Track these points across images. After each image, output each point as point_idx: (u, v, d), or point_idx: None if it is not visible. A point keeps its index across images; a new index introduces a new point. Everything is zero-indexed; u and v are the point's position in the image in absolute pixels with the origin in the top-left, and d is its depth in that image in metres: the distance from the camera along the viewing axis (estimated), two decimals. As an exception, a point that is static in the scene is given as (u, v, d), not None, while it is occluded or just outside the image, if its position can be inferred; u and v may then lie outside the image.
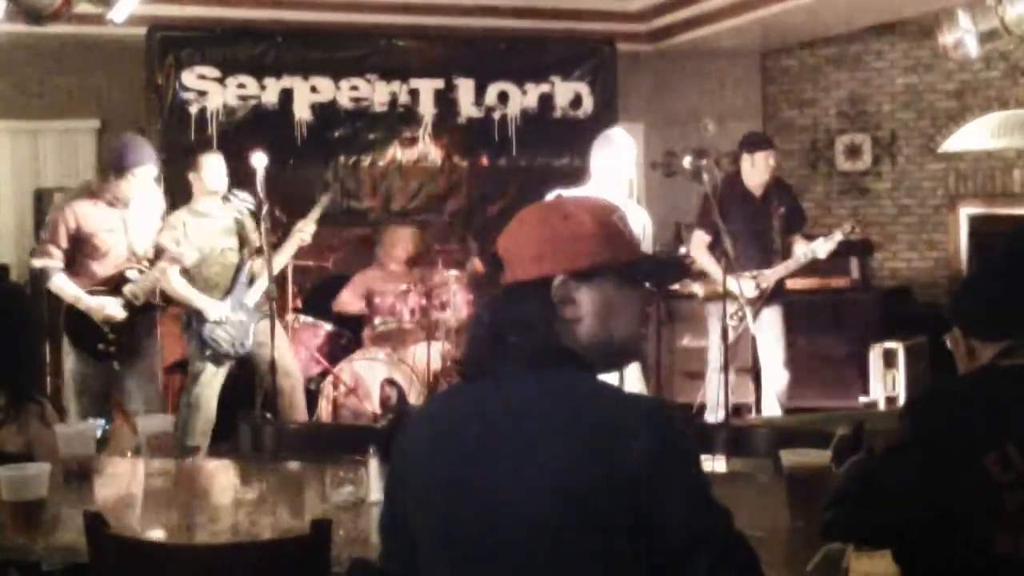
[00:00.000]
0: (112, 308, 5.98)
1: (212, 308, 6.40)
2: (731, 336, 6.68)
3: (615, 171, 5.79)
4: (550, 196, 5.79)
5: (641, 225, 5.60)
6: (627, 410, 2.07)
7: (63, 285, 5.97)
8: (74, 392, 6.07)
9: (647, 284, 2.30)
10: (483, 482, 2.10)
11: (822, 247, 6.89)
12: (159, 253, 6.21)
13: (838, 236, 6.88)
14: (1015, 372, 2.64)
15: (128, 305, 6.04)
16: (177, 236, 6.34)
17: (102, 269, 6.06)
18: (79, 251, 6.02)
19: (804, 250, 6.97)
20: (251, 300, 6.52)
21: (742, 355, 7.10)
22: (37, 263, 6.04)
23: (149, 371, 6.28)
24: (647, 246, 5.56)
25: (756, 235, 6.95)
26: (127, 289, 6.06)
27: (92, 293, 5.99)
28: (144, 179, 6.05)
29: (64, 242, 5.99)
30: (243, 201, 6.50)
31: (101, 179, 6.12)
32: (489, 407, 2.15)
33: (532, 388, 2.12)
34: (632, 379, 5.47)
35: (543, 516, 2.03)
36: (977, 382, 2.72)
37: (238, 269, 6.57)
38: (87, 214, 6.00)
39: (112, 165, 6.07)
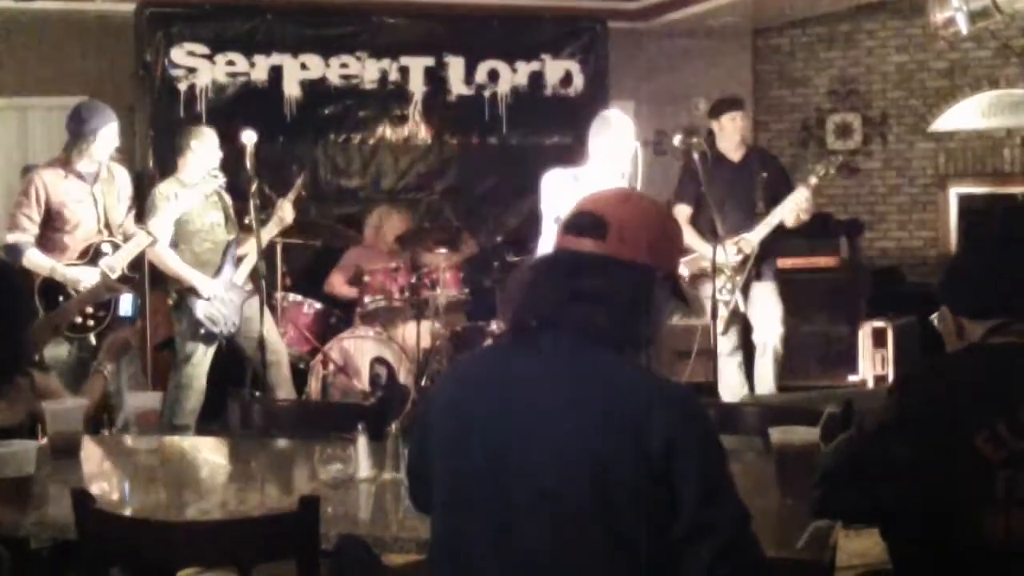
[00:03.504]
0: (89, 280, 5.85)
1: (206, 286, 6.39)
2: (723, 310, 6.66)
3: (611, 153, 5.81)
4: (548, 174, 5.87)
5: None
6: (655, 396, 2.16)
7: (36, 259, 5.86)
8: (54, 369, 6.00)
9: None
10: (504, 444, 2.20)
11: (799, 195, 6.71)
12: (130, 228, 6.18)
13: (813, 180, 6.72)
14: (1005, 350, 2.64)
15: (105, 279, 5.96)
16: (172, 208, 6.32)
17: (73, 243, 5.97)
18: (49, 224, 5.93)
19: (783, 204, 6.75)
20: (240, 278, 6.50)
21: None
22: (10, 238, 5.90)
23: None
24: None
25: (737, 200, 6.81)
26: (103, 262, 5.97)
27: (69, 267, 5.91)
28: (110, 139, 6.03)
29: (36, 214, 5.89)
30: (215, 178, 6.49)
31: (67, 150, 6.00)
32: (524, 373, 2.25)
33: (571, 361, 2.21)
34: None
35: (558, 483, 2.12)
36: (967, 361, 2.72)
37: (227, 247, 6.54)
38: (55, 184, 5.93)
39: (76, 131, 5.98)
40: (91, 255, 5.99)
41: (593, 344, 2.22)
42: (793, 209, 6.73)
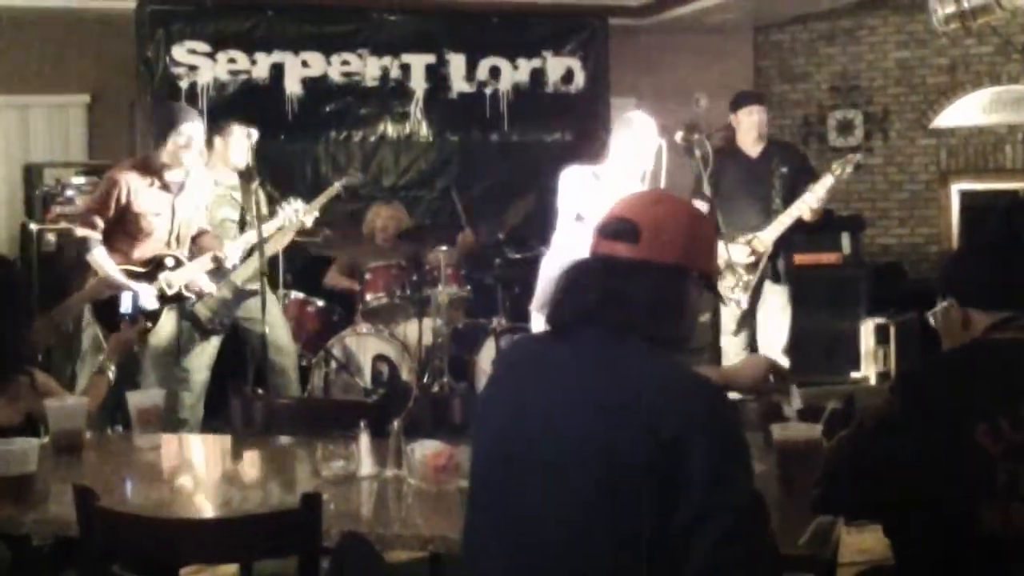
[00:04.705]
0: (145, 297, 5.75)
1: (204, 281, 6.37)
2: (736, 309, 6.59)
3: (632, 152, 5.82)
4: (567, 170, 5.87)
5: None
6: (673, 385, 2.19)
7: (102, 260, 5.78)
8: (90, 364, 5.98)
9: None
10: (518, 430, 2.26)
11: (812, 195, 6.53)
12: (201, 241, 6.15)
13: (829, 180, 6.54)
14: (1007, 345, 2.64)
15: (160, 293, 5.94)
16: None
17: (139, 251, 5.91)
18: (122, 227, 5.85)
19: (796, 203, 6.61)
20: (240, 276, 6.48)
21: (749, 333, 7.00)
22: (79, 232, 5.81)
23: (167, 351, 6.19)
24: None
25: (753, 197, 6.75)
26: (162, 277, 5.93)
27: (126, 274, 5.82)
28: (198, 136, 5.89)
29: (108, 214, 5.80)
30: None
31: (158, 152, 5.88)
32: (550, 364, 2.32)
33: (598, 352, 2.26)
34: None
35: (565, 466, 2.16)
36: (968, 356, 2.72)
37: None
38: (140, 192, 5.83)
39: (164, 131, 5.87)
40: (153, 267, 5.95)
41: (624, 339, 2.26)
42: (803, 206, 6.59)
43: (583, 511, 2.13)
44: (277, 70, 8.53)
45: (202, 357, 6.45)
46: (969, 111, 9.94)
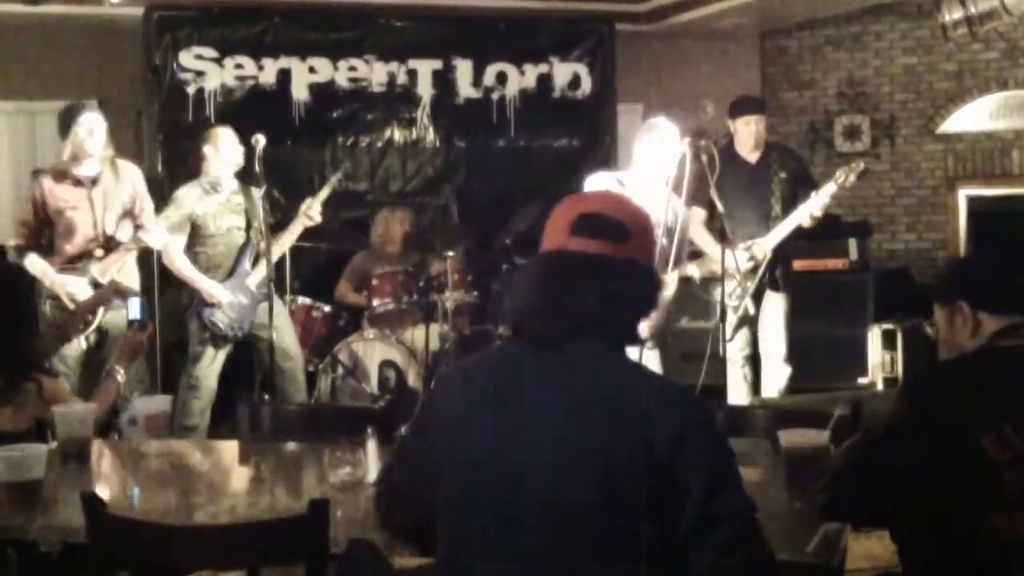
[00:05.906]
0: (73, 286, 5.92)
1: (214, 290, 6.39)
2: (731, 316, 6.55)
3: (657, 159, 5.81)
4: (592, 177, 5.86)
5: (674, 214, 5.61)
6: (661, 394, 2.20)
7: (37, 265, 5.94)
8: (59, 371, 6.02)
9: None
10: (510, 445, 2.22)
11: (815, 201, 6.48)
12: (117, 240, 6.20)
13: (832, 187, 6.47)
14: (1013, 353, 2.64)
15: (94, 284, 5.98)
16: (184, 214, 6.35)
17: (71, 247, 6.03)
18: (51, 229, 6.04)
19: (798, 210, 6.56)
20: (253, 282, 6.50)
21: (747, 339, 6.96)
22: (11, 241, 6.11)
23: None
24: (681, 234, 5.62)
25: (753, 204, 6.68)
26: (93, 269, 6.01)
27: (62, 272, 5.98)
28: (93, 125, 6.02)
29: (31, 219, 6.02)
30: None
31: (64, 153, 6.08)
32: (535, 376, 2.26)
33: (581, 363, 2.23)
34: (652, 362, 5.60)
35: (563, 483, 2.14)
36: (975, 363, 2.71)
37: (241, 250, 6.54)
38: (54, 191, 6.01)
39: (62, 129, 6.06)
40: (84, 261, 6.03)
41: (610, 348, 2.25)
42: (805, 213, 6.54)
43: (581, 519, 2.13)
44: (284, 76, 8.55)
45: (213, 365, 6.49)
46: (976, 116, 9.94)
